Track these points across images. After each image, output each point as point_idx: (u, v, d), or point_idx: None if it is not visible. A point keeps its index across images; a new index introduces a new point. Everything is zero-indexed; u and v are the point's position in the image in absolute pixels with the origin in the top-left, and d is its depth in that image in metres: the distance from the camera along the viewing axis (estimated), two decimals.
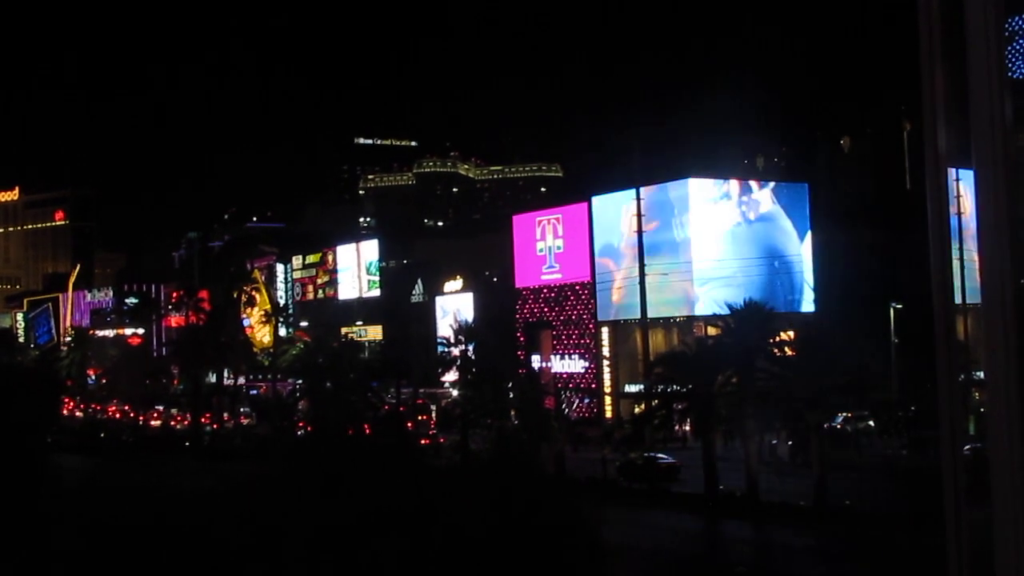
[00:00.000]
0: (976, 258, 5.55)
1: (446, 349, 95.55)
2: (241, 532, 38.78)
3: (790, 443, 73.75)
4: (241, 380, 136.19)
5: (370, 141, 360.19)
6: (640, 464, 72.90)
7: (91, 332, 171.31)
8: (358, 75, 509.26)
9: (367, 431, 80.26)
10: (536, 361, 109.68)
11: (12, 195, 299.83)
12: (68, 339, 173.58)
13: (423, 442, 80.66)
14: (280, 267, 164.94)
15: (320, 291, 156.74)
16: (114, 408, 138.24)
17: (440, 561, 34.38)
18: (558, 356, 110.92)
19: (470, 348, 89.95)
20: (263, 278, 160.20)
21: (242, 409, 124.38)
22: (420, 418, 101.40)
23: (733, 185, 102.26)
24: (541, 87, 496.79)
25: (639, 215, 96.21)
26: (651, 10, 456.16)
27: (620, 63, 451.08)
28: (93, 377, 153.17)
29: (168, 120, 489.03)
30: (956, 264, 6.59)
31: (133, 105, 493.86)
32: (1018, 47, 5.85)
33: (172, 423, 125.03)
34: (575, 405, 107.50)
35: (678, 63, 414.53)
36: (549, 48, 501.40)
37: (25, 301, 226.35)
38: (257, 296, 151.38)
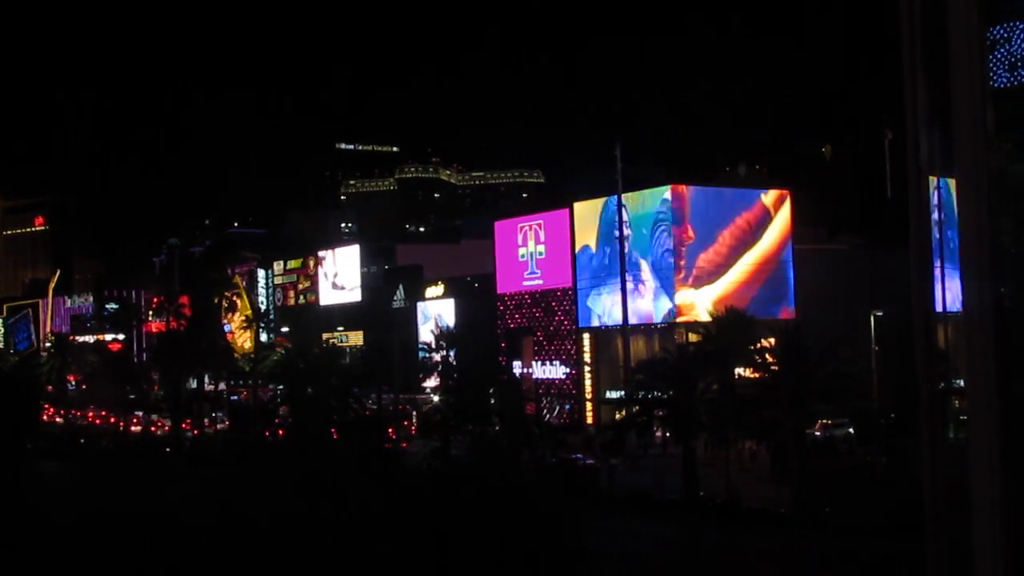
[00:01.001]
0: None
1: (427, 355, 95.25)
2: (225, 543, 38.67)
3: (770, 449, 73.77)
4: (222, 386, 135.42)
5: (352, 147, 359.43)
6: (559, 466, 73.06)
7: (71, 338, 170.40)
8: (340, 80, 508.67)
9: (335, 436, 79.77)
10: (517, 367, 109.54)
11: None
12: (48, 345, 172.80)
13: (386, 446, 79.72)
14: (261, 272, 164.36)
15: (302, 296, 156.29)
16: (94, 414, 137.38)
17: (423, 564, 34.33)
18: (539, 362, 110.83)
19: (451, 354, 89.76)
20: (244, 283, 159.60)
21: (215, 414, 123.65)
22: (403, 423, 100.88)
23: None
24: (523, 92, 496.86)
25: (620, 221, 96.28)
26: (636, 17, 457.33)
27: (603, 69, 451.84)
28: (73, 383, 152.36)
29: (148, 125, 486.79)
30: (936, 272, 6.58)
31: (113, 110, 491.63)
32: (1000, 56, 5.84)
33: (152, 429, 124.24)
34: (556, 411, 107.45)
35: (661, 70, 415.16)
36: (531, 54, 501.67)
37: (4, 307, 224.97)
38: (238, 302, 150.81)
